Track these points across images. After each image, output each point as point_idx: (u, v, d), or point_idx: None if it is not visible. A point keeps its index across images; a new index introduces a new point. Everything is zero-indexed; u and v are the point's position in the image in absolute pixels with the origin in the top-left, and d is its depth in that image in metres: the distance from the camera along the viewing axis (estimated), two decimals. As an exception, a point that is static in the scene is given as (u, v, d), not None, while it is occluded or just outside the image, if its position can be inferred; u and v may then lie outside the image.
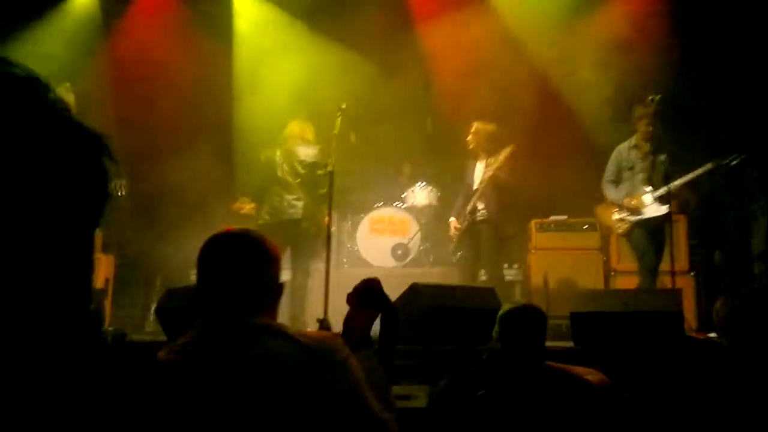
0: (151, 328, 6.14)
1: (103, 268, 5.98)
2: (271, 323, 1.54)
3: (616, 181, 5.48)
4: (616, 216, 5.41)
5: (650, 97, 5.11)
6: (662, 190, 5.15)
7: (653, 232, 5.20)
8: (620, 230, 5.42)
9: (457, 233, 5.81)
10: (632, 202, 5.29)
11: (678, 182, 5.15)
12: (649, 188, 5.22)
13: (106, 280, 6.07)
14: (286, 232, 5.20)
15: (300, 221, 5.27)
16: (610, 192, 5.49)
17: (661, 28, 6.25)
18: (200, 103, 6.80)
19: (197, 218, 6.98)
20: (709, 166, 5.13)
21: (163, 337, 3.99)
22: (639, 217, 5.26)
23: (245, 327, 1.50)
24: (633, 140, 5.40)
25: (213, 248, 1.60)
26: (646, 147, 5.30)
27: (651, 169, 5.24)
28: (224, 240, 1.61)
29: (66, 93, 5.60)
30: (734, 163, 5.10)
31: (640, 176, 5.31)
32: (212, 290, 1.56)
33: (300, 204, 5.29)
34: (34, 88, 0.49)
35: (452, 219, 5.94)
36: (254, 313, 1.54)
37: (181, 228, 6.90)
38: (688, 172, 5.17)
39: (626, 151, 5.44)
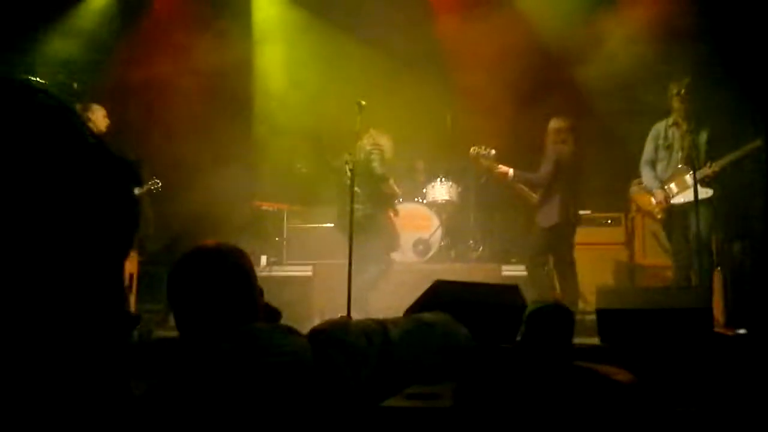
0: (174, 323, 6.19)
1: (127, 265, 6.04)
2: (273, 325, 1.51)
3: (654, 161, 5.26)
4: (659, 199, 5.16)
5: (677, 81, 4.99)
6: (706, 170, 4.89)
7: (691, 218, 4.86)
8: (659, 215, 5.18)
9: None
10: (670, 185, 5.07)
11: (723, 161, 4.88)
12: (688, 168, 4.90)
13: (130, 276, 6.13)
14: (355, 233, 5.37)
15: (363, 224, 5.43)
16: (647, 176, 5.27)
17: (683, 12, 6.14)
18: (221, 102, 6.82)
19: (220, 213, 7.03)
20: (757, 143, 4.82)
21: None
22: (681, 200, 4.99)
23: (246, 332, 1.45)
24: (671, 118, 5.17)
25: (184, 270, 1.58)
26: (686, 125, 5.02)
27: (691, 147, 4.93)
28: (193, 260, 1.60)
29: (97, 112, 5.68)
30: None
31: (679, 155, 5.07)
32: (194, 311, 1.55)
33: (361, 207, 5.45)
34: (66, 117, 0.48)
35: None
36: (245, 320, 1.51)
37: (203, 224, 6.95)
38: (731, 151, 4.90)
39: (664, 129, 5.21)
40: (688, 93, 4.96)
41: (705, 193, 4.88)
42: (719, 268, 5.48)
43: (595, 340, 3.88)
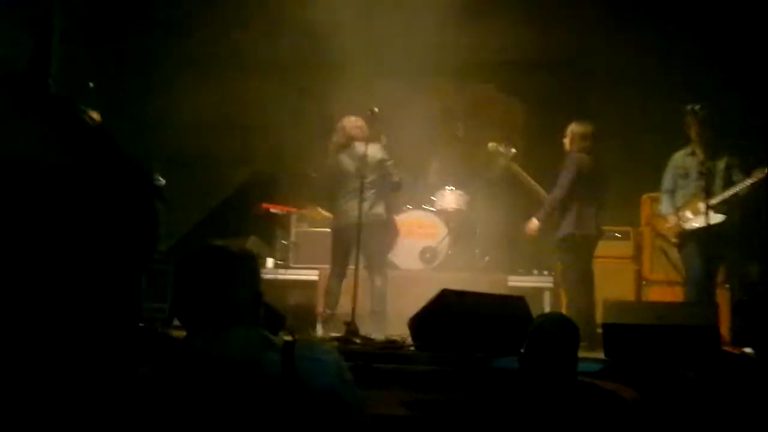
0: (179, 322, 6.19)
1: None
2: (260, 333, 1.59)
3: (673, 190, 5.28)
4: (670, 224, 5.20)
5: (691, 107, 4.96)
6: (718, 198, 4.94)
7: (708, 243, 4.85)
8: (674, 240, 5.19)
9: None
10: (685, 212, 5.10)
11: (732, 189, 4.95)
12: (703, 194, 4.90)
13: (137, 275, 6.14)
14: (355, 235, 5.08)
15: (368, 224, 5.10)
16: (665, 203, 5.31)
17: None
18: (234, 103, 6.79)
19: (229, 215, 7.05)
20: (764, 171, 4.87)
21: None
22: (693, 226, 5.01)
23: (234, 338, 1.56)
24: (690, 147, 5.19)
25: (190, 264, 1.66)
26: (703, 155, 5.03)
27: (709, 176, 4.95)
28: (200, 256, 1.68)
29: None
30: None
31: (696, 184, 5.07)
32: (194, 305, 1.63)
33: (366, 205, 5.14)
34: (102, 134, 0.50)
35: None
36: (238, 323, 1.60)
37: (212, 224, 6.98)
38: (745, 180, 4.95)
39: (682, 158, 5.24)
40: (703, 122, 4.97)
41: (717, 218, 4.89)
42: (727, 286, 5.45)
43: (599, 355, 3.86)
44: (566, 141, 5.43)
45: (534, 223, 5.50)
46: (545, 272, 6.36)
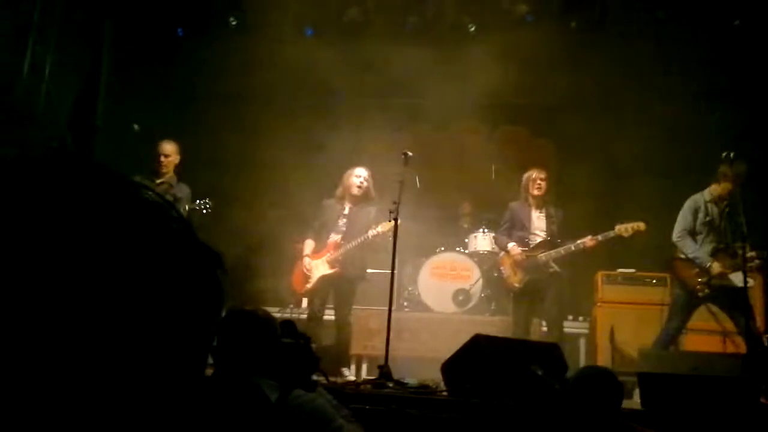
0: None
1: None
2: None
3: (693, 234, 5.16)
4: (700, 279, 5.05)
5: (728, 154, 4.88)
6: (752, 254, 4.90)
7: (735, 296, 4.78)
8: (701, 294, 5.04)
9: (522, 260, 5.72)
10: (718, 268, 4.98)
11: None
12: (730, 247, 4.95)
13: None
14: (327, 282, 5.59)
15: (337, 274, 5.53)
16: (689, 246, 5.13)
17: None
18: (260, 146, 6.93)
19: (263, 253, 7.13)
20: None
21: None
22: (723, 282, 4.95)
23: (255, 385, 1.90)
24: (708, 194, 5.14)
25: (231, 323, 2.05)
26: (723, 205, 5.07)
27: (730, 228, 4.97)
28: (238, 317, 2.08)
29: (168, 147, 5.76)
30: None
31: (719, 234, 5.05)
32: (229, 357, 1.99)
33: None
34: (160, 210, 0.55)
35: (513, 244, 5.79)
36: (264, 373, 1.94)
37: (246, 265, 7.07)
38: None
39: (703, 203, 5.14)
40: (740, 176, 4.94)
41: (749, 282, 4.67)
42: (769, 335, 5.32)
43: (631, 403, 3.81)
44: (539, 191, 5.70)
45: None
46: (580, 318, 6.29)
